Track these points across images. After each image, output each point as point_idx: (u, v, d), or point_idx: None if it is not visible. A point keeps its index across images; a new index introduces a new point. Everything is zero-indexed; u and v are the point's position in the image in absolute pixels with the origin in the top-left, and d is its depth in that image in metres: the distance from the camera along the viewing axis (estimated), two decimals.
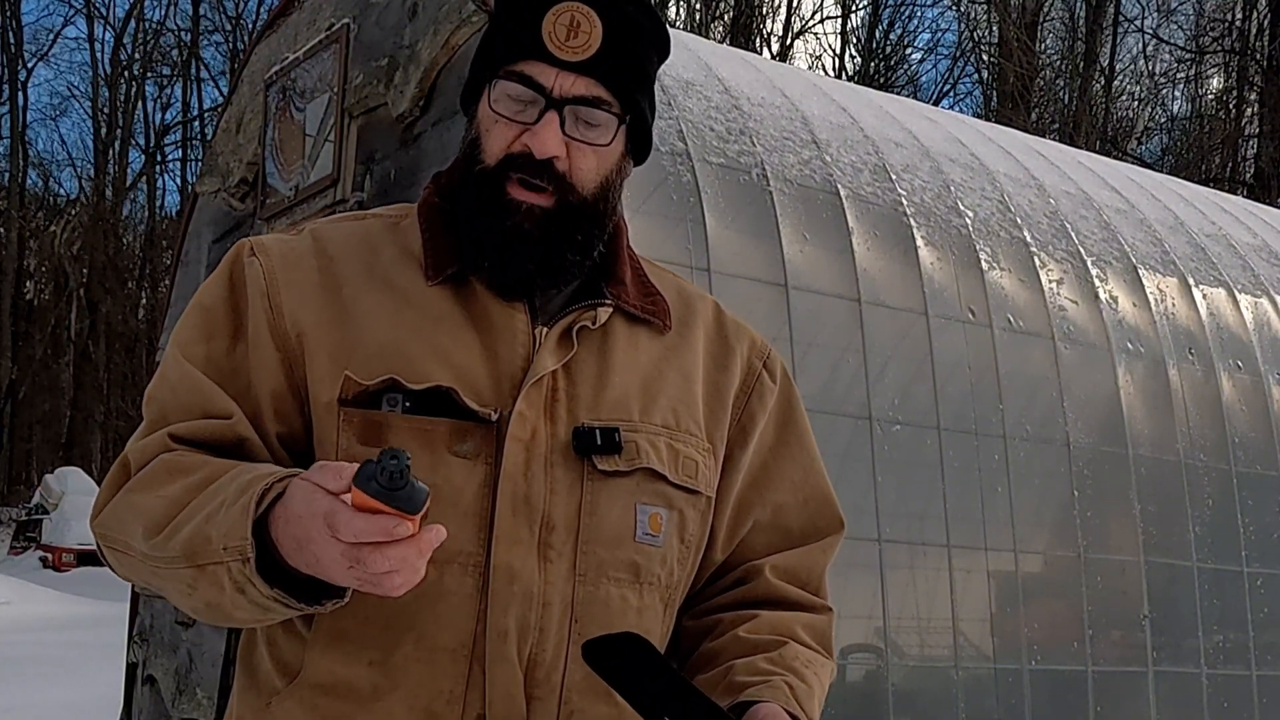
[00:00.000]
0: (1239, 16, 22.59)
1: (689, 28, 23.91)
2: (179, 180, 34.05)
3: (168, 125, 35.39)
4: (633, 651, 1.21)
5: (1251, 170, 21.05)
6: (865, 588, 3.68)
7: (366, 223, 1.42)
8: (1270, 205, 8.82)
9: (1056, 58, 23.37)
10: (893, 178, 4.18)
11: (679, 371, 1.40)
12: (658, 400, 1.36)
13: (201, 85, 34.60)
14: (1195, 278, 4.93)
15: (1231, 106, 22.81)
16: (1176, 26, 23.85)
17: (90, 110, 34.74)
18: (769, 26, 28.20)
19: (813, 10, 42.50)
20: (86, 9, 34.55)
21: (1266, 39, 21.50)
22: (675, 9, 25.52)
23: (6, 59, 33.35)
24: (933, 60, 52.01)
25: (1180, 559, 4.35)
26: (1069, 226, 4.62)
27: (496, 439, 1.28)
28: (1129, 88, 23.93)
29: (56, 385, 35.64)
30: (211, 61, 36.18)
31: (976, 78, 26.92)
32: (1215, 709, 4.32)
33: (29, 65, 34.65)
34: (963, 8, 26.16)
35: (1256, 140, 21.35)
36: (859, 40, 28.33)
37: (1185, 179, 9.30)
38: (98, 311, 33.18)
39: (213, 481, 1.20)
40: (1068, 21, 23.54)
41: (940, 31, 45.24)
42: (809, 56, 32.72)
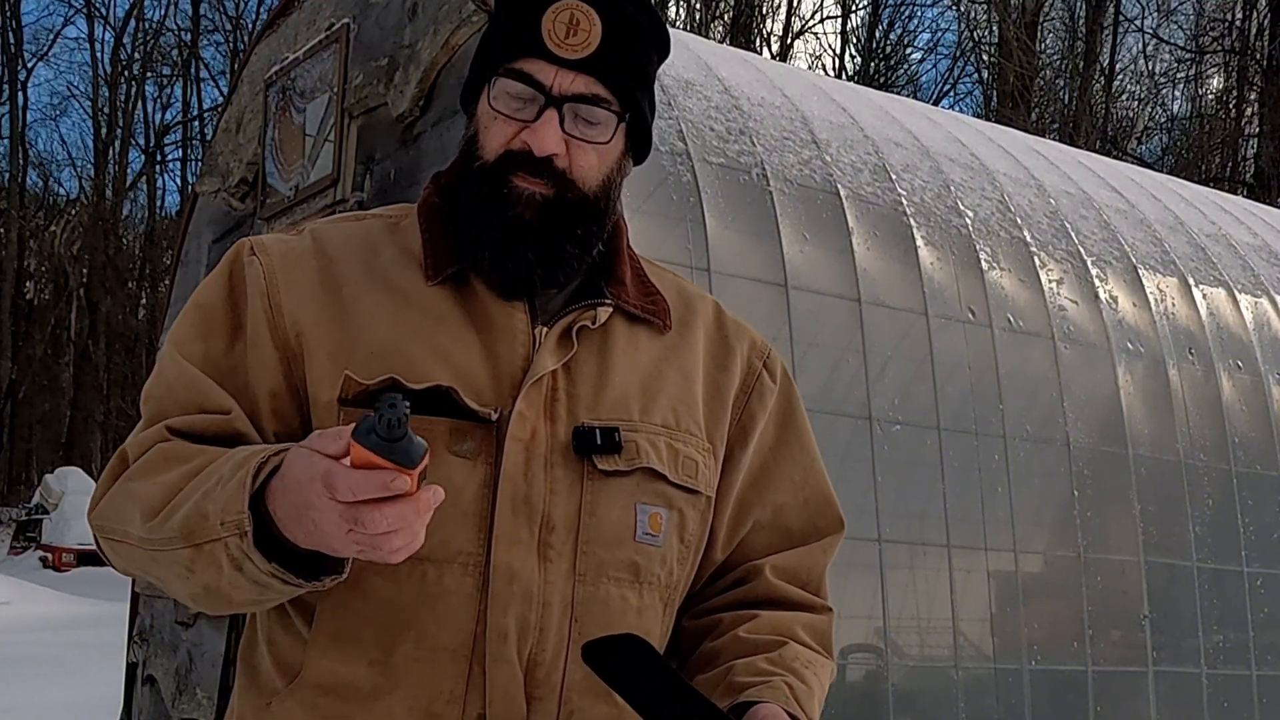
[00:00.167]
0: (1239, 16, 22.59)
1: (689, 27, 23.92)
2: (179, 180, 34.12)
3: (168, 125, 35.46)
4: (632, 652, 1.21)
5: (1251, 170, 21.05)
6: (865, 588, 3.68)
7: (366, 223, 1.42)
8: (1270, 205, 8.82)
9: (1056, 58, 23.38)
10: (893, 178, 4.18)
11: (679, 371, 1.40)
12: (658, 400, 1.36)
13: (201, 85, 34.66)
14: (1195, 278, 4.93)
15: (1231, 106, 22.81)
16: (1176, 26, 23.87)
17: (90, 110, 34.80)
18: (769, 26, 28.25)
19: (813, 10, 42.56)
20: (86, 9, 34.59)
21: (1266, 39, 21.50)
22: (675, 9, 25.54)
23: (6, 59, 33.38)
24: (933, 60, 52.12)
25: (1180, 559, 4.35)
26: (1069, 226, 4.62)
27: (496, 439, 1.28)
28: (1129, 88, 23.96)
29: (56, 385, 35.64)
30: (211, 61, 36.22)
31: (976, 78, 26.95)
32: (1215, 709, 4.32)
33: (29, 65, 34.72)
34: (963, 8, 26.18)
35: (1256, 140, 21.35)
36: (859, 40, 28.35)
37: (1185, 179, 9.30)
38: (98, 311, 33.19)
39: (210, 466, 1.20)
40: (1068, 21, 23.55)
41: (940, 31, 45.32)
42: (809, 56, 32.78)
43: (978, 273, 4.15)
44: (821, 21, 41.37)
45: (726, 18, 26.63)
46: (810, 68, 25.39)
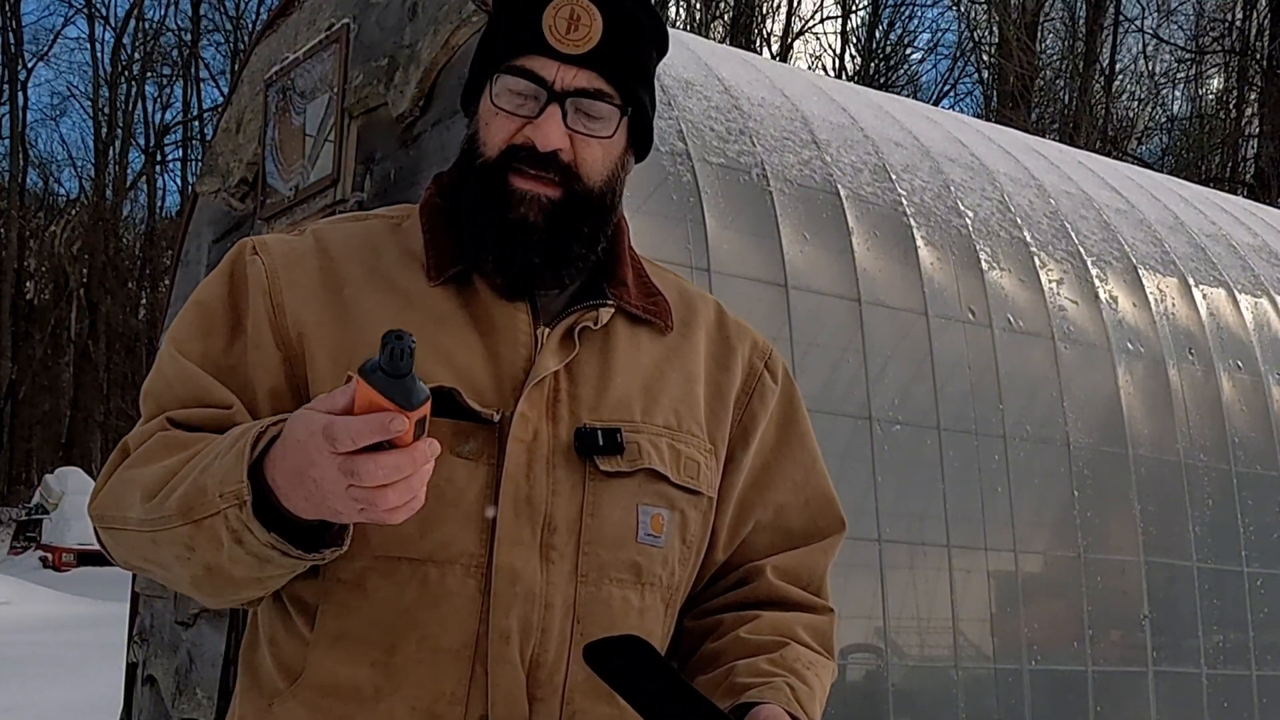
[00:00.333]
0: (1239, 16, 22.58)
1: (689, 27, 23.92)
2: (179, 180, 34.15)
3: (168, 125, 35.48)
4: (634, 654, 1.21)
5: (1251, 170, 21.04)
6: (865, 588, 3.68)
7: (368, 224, 1.42)
8: (1270, 205, 8.82)
9: (1056, 58, 23.38)
10: (893, 178, 4.18)
11: (681, 372, 1.40)
12: (659, 401, 1.36)
13: (201, 85, 34.70)
14: (1195, 278, 4.93)
15: (1231, 106, 22.81)
16: (1176, 26, 23.86)
17: (90, 110, 34.81)
18: (769, 26, 28.24)
19: (813, 10, 42.54)
20: (87, 9, 34.60)
21: (1266, 39, 21.49)
22: (675, 9, 25.55)
23: (6, 59, 33.38)
24: (933, 60, 52.13)
25: (1180, 559, 4.35)
26: (1069, 226, 4.62)
27: (499, 440, 1.28)
28: (1129, 88, 23.94)
29: (56, 385, 35.65)
30: (211, 61, 36.28)
31: (976, 78, 26.95)
32: (1215, 709, 4.32)
33: (29, 65, 34.73)
34: (963, 8, 26.18)
35: (1256, 140, 21.35)
36: (859, 40, 28.35)
37: (1185, 179, 9.30)
38: (98, 311, 33.20)
39: (209, 446, 1.20)
40: (1068, 21, 23.54)
41: (940, 31, 45.35)
42: (809, 56, 32.78)
43: (978, 273, 4.15)
44: (821, 22, 41.43)
45: (726, 18, 26.64)
46: (810, 68, 25.39)
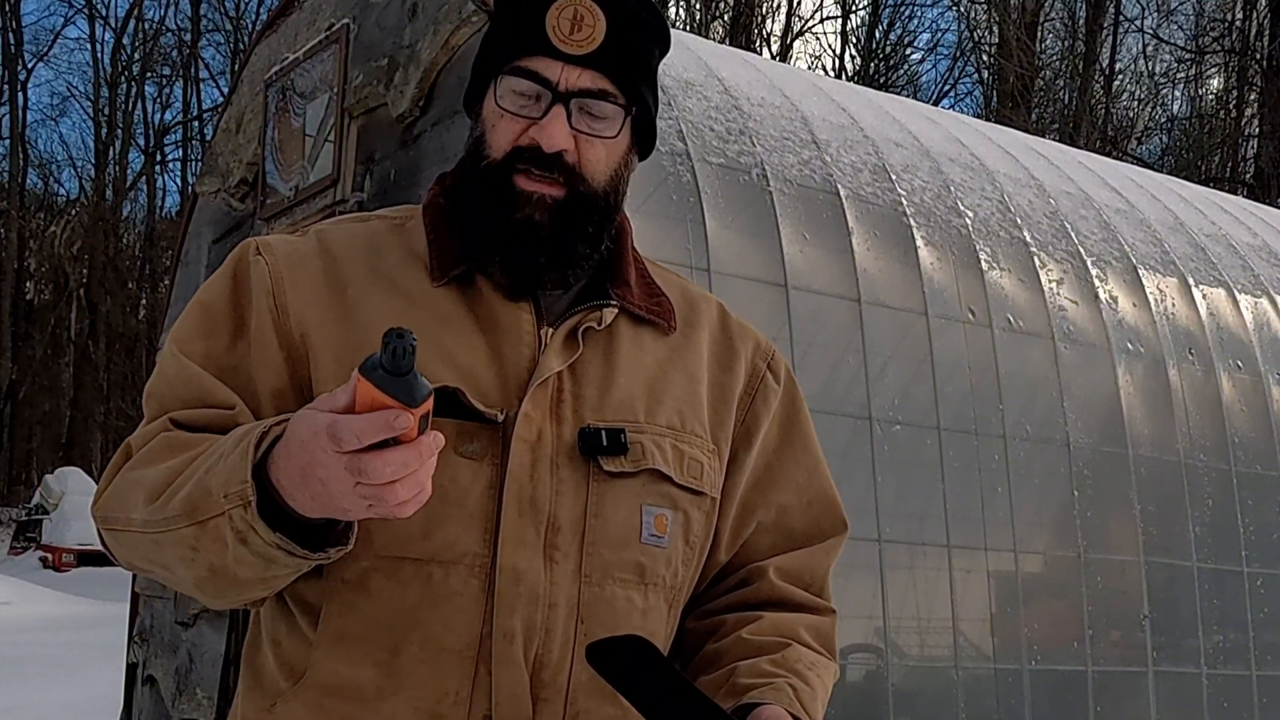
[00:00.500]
0: (1239, 17, 22.58)
1: (689, 28, 23.92)
2: (179, 180, 34.15)
3: (168, 125, 35.49)
4: (636, 654, 1.21)
5: (1251, 170, 21.04)
6: (865, 588, 3.68)
7: (371, 224, 1.42)
8: (1270, 205, 8.82)
9: (1056, 58, 23.38)
10: (893, 178, 4.18)
11: (684, 373, 1.40)
12: (663, 401, 1.36)
13: (201, 85, 34.71)
14: (1195, 278, 4.93)
15: (1231, 106, 22.80)
16: (1176, 26, 23.86)
17: (90, 110, 34.82)
18: (769, 26, 28.24)
19: (813, 10, 42.53)
20: (87, 9, 34.60)
21: (1266, 39, 21.49)
22: (675, 9, 25.54)
23: (6, 59, 33.37)
24: (933, 60, 52.19)
25: (1180, 559, 4.36)
26: (1069, 226, 4.62)
27: (502, 440, 1.28)
28: (1129, 88, 23.95)
29: (56, 385, 35.64)
30: (211, 61, 36.23)
31: (976, 78, 26.95)
32: (1215, 709, 4.33)
33: (29, 65, 34.73)
34: (963, 8, 26.18)
35: (1256, 140, 21.34)
36: (859, 40, 28.35)
37: (1185, 179, 9.31)
38: (98, 311, 33.20)
39: (213, 447, 1.19)
40: (1068, 22, 23.53)
41: (940, 32, 45.31)
42: (809, 57, 32.80)
43: (978, 273, 4.15)
44: (821, 22, 41.43)
45: (726, 18, 26.63)
46: (810, 68, 25.39)
